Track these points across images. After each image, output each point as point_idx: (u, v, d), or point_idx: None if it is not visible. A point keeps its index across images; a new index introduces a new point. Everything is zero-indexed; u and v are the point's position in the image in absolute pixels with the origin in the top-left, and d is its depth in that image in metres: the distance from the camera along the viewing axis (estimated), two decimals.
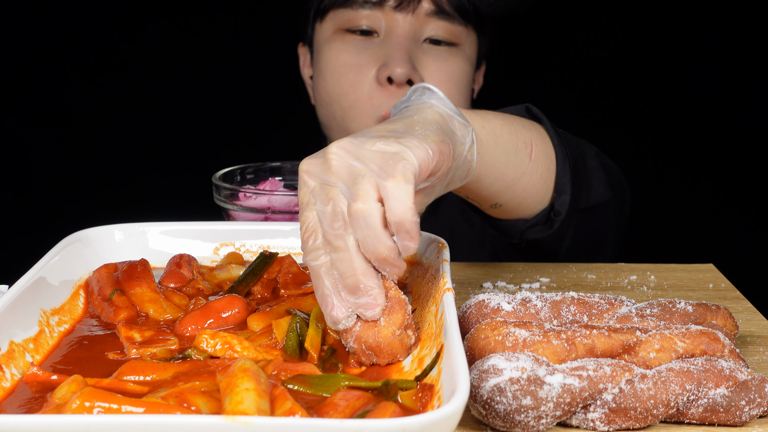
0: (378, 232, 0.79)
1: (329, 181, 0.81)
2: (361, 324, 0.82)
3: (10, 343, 0.83)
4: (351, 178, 0.80)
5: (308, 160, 0.84)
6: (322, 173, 0.82)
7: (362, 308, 0.81)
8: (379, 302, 0.81)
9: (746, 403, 0.82)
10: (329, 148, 0.82)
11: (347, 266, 0.80)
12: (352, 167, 0.81)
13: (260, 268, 1.00)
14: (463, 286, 1.18)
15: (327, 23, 1.58)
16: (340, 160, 0.81)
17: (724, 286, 1.20)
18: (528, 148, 1.19)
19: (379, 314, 0.82)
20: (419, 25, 1.53)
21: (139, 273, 0.99)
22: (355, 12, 1.54)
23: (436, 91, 0.96)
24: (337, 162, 0.81)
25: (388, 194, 0.79)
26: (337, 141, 0.83)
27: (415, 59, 1.52)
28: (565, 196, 1.24)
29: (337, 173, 0.81)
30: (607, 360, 0.84)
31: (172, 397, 0.71)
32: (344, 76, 1.55)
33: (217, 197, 1.21)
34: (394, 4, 1.52)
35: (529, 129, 1.21)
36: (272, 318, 0.90)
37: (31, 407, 0.76)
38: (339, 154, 0.82)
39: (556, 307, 0.95)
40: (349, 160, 0.81)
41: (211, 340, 0.84)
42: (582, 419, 0.82)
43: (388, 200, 0.79)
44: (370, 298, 0.81)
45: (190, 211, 1.44)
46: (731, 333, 0.94)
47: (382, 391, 0.76)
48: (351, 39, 1.55)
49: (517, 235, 1.28)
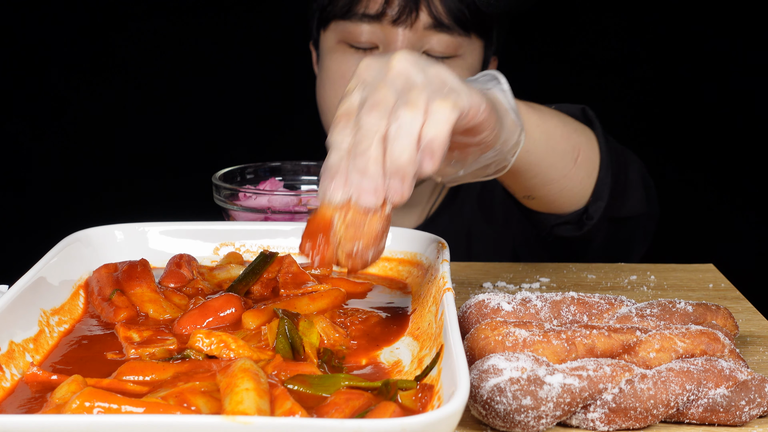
0: (410, 140, 0.80)
1: (385, 80, 0.83)
2: (352, 210, 0.82)
3: (10, 343, 0.83)
4: (407, 85, 0.83)
5: (370, 59, 0.87)
6: (380, 71, 0.85)
7: (363, 191, 0.81)
8: (378, 194, 0.81)
9: (746, 403, 0.82)
10: (396, 54, 0.85)
11: (365, 147, 0.81)
12: (411, 77, 0.83)
13: (260, 267, 1.00)
14: (463, 286, 1.18)
15: (329, 33, 1.60)
16: (403, 66, 0.84)
17: (724, 286, 1.20)
18: (575, 152, 1.21)
19: (373, 205, 0.81)
20: (418, 39, 1.54)
21: (139, 273, 0.99)
22: (354, 25, 1.55)
23: (502, 82, 1.00)
24: (400, 67, 0.84)
25: (432, 111, 0.81)
26: (405, 50, 0.86)
27: None
28: (601, 203, 1.27)
29: (395, 76, 0.83)
30: (607, 360, 0.84)
31: (172, 397, 0.71)
32: (341, 86, 1.57)
33: (217, 197, 1.21)
34: (392, 18, 1.52)
35: (580, 133, 1.24)
36: (267, 315, 0.90)
37: (31, 407, 0.76)
38: (403, 62, 0.84)
39: (556, 307, 0.95)
40: (412, 70, 0.84)
41: (206, 339, 0.83)
42: (582, 419, 0.82)
43: (430, 116, 0.81)
44: (372, 186, 0.81)
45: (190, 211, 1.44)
46: (731, 333, 0.94)
47: (382, 391, 0.76)
48: (352, 51, 1.57)
49: (547, 229, 1.30)
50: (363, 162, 0.81)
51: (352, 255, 0.84)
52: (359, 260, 0.84)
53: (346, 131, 0.83)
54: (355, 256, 0.84)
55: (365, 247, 0.84)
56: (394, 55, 0.86)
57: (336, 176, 0.82)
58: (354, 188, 0.82)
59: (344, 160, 0.82)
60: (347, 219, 0.83)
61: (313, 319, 0.89)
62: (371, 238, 0.84)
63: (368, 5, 1.53)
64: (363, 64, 0.87)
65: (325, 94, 1.61)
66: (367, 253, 0.84)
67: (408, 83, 0.83)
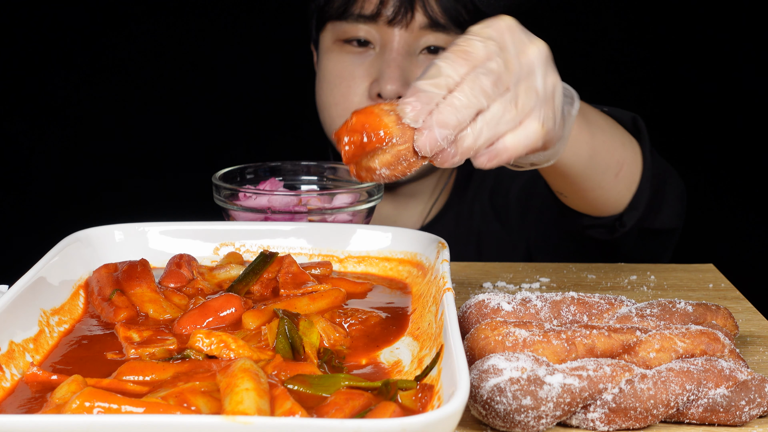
0: (490, 136, 0.87)
1: (517, 61, 0.90)
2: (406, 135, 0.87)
3: (10, 343, 0.83)
4: (527, 82, 0.90)
5: (518, 27, 0.92)
6: (518, 48, 0.91)
7: (430, 137, 0.85)
8: (433, 148, 0.85)
9: (746, 403, 0.82)
10: (537, 44, 0.92)
11: (462, 105, 0.86)
12: (535, 75, 0.91)
13: (260, 267, 1.00)
14: (463, 286, 1.18)
15: (327, 33, 1.61)
16: (535, 61, 0.92)
17: (724, 286, 1.20)
18: (618, 168, 1.23)
19: (426, 153, 0.86)
20: (414, 39, 1.54)
21: (139, 273, 0.99)
22: (350, 25, 1.56)
23: (575, 107, 1.04)
24: (533, 59, 0.91)
25: (526, 125, 0.90)
26: (543, 45, 0.92)
27: (408, 73, 1.54)
28: (636, 212, 1.29)
29: (525, 66, 0.91)
30: (607, 360, 0.84)
31: (172, 397, 0.71)
32: (337, 86, 1.58)
33: (217, 197, 1.21)
34: (388, 19, 1.53)
35: (626, 148, 1.25)
36: (267, 316, 0.90)
37: (31, 407, 0.76)
38: (538, 57, 0.92)
39: (556, 307, 0.95)
40: (540, 70, 0.92)
41: (206, 339, 0.83)
42: (582, 419, 0.82)
43: (521, 127, 0.90)
44: (438, 137, 0.85)
45: (190, 211, 1.44)
46: (731, 333, 0.94)
47: (382, 391, 0.76)
48: (349, 50, 1.57)
49: (578, 227, 1.31)
50: (449, 115, 0.85)
51: (372, 168, 0.88)
52: (374, 174, 0.88)
53: (459, 69, 0.86)
54: (373, 171, 0.88)
55: (391, 168, 0.87)
56: (535, 43, 0.91)
57: (421, 99, 0.85)
58: (425, 125, 0.85)
59: (439, 95, 0.85)
60: (395, 140, 0.86)
61: (314, 319, 0.89)
62: (401, 168, 0.88)
63: (363, 6, 1.54)
64: (511, 26, 0.91)
65: (323, 93, 1.62)
66: (385, 171, 0.88)
67: (529, 80, 0.90)
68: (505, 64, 0.89)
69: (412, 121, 0.86)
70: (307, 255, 1.09)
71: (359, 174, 0.89)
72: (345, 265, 1.09)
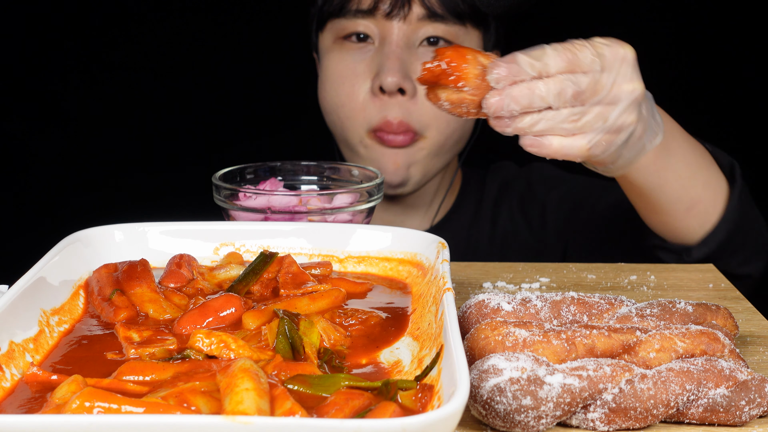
0: (564, 130, 1.00)
1: (616, 71, 1.02)
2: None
3: (10, 343, 0.83)
4: (615, 88, 1.02)
5: (615, 45, 1.04)
6: (616, 61, 1.03)
7: (513, 97, 0.97)
8: (511, 111, 0.98)
9: (746, 403, 0.82)
10: (629, 52, 1.04)
11: (554, 93, 0.98)
12: (628, 82, 1.04)
13: (260, 267, 1.00)
14: (463, 286, 1.18)
15: (326, 33, 1.61)
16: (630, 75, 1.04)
17: (724, 286, 1.20)
18: (691, 204, 1.25)
19: (498, 84, 0.97)
20: (412, 31, 1.54)
21: (139, 273, 0.99)
22: (349, 21, 1.56)
23: (656, 138, 1.14)
24: (626, 56, 1.04)
25: (587, 128, 1.02)
26: (633, 55, 1.04)
27: (409, 66, 1.54)
28: (706, 249, 1.29)
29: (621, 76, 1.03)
30: (607, 360, 0.84)
31: (172, 397, 0.71)
32: (341, 86, 1.58)
33: (217, 197, 1.21)
34: (385, 12, 1.53)
35: (708, 188, 1.27)
36: (267, 316, 0.90)
37: (31, 407, 0.76)
38: (631, 74, 1.04)
39: (556, 307, 0.95)
40: (631, 86, 1.04)
41: (206, 339, 0.83)
42: (582, 419, 0.82)
43: (583, 131, 1.02)
44: (522, 103, 0.97)
45: (190, 211, 1.44)
46: (731, 333, 0.94)
47: (382, 391, 0.76)
48: (348, 47, 1.57)
49: (648, 244, 1.34)
50: (525, 96, 0.97)
51: (438, 97, 1.00)
52: (438, 102, 1.00)
53: (558, 64, 0.98)
54: (438, 99, 1.00)
55: (452, 106, 1.00)
56: (634, 83, 1.03)
57: (512, 70, 0.97)
58: (502, 91, 0.97)
59: (529, 74, 0.97)
60: (467, 89, 0.98)
61: (314, 319, 0.89)
62: (460, 111, 1.00)
63: (361, 1, 1.54)
64: (626, 57, 1.03)
65: (327, 94, 1.62)
66: (446, 105, 1.00)
67: (606, 109, 1.02)
68: (595, 84, 1.00)
69: (493, 81, 0.97)
70: (307, 255, 1.09)
71: (428, 94, 1.01)
72: (345, 265, 1.09)
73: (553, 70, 0.99)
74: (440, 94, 1.00)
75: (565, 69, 0.99)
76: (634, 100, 1.04)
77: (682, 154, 1.23)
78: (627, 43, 1.05)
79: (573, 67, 0.99)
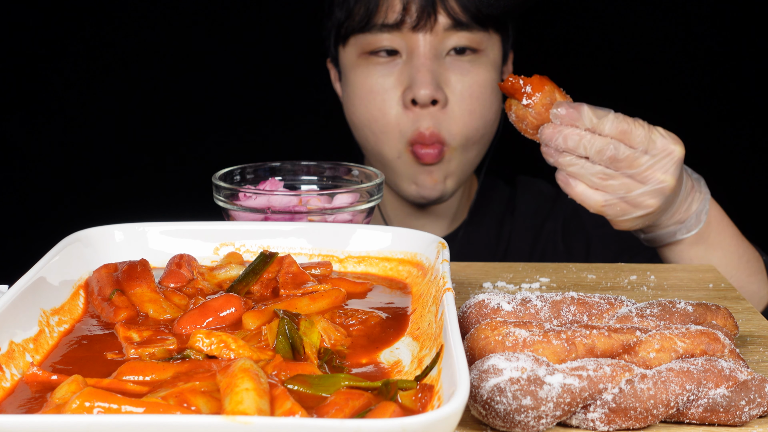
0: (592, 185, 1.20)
1: (656, 155, 1.19)
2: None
3: (10, 343, 0.83)
4: (647, 166, 1.19)
5: (649, 131, 1.19)
6: (661, 148, 1.19)
7: (568, 136, 1.17)
8: (559, 127, 1.17)
9: (746, 403, 0.82)
10: (674, 146, 1.19)
11: (596, 150, 1.17)
12: (664, 162, 1.19)
13: (260, 267, 1.00)
14: (463, 286, 1.18)
15: (350, 48, 1.60)
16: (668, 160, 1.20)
17: (724, 286, 1.20)
18: (740, 286, 1.36)
19: (555, 121, 1.18)
20: (439, 42, 1.55)
21: (139, 273, 0.99)
22: (374, 36, 1.56)
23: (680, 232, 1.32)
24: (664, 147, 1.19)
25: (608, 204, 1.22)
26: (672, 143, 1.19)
27: (438, 76, 1.55)
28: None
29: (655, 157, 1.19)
30: (607, 360, 0.84)
31: (172, 397, 0.71)
32: (372, 102, 1.58)
33: (217, 197, 1.21)
34: (412, 25, 1.53)
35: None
36: (267, 316, 0.90)
37: (31, 407, 0.76)
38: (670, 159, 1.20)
39: (556, 307, 0.95)
40: (670, 172, 1.20)
41: (206, 339, 0.83)
42: (582, 419, 0.82)
43: (607, 190, 1.21)
44: (571, 145, 1.17)
45: (190, 211, 1.44)
46: (731, 333, 0.94)
47: (382, 391, 0.76)
48: (376, 62, 1.58)
49: None
50: (572, 142, 1.16)
51: (509, 107, 1.21)
52: (508, 110, 1.21)
53: (611, 130, 1.16)
54: (510, 108, 1.21)
55: (516, 119, 1.21)
56: (662, 178, 1.18)
57: (572, 116, 1.16)
58: (557, 128, 1.17)
59: (584, 125, 1.16)
60: (531, 112, 1.19)
61: (314, 319, 0.89)
62: (520, 126, 1.22)
63: (387, 15, 1.54)
64: (673, 154, 1.19)
65: (356, 110, 1.62)
66: (512, 116, 1.22)
67: (629, 182, 1.19)
68: (633, 160, 1.17)
69: (552, 116, 1.17)
70: (307, 255, 1.09)
71: (506, 102, 1.22)
72: (345, 265, 1.09)
73: (606, 131, 1.16)
74: (512, 105, 1.20)
75: (615, 135, 1.16)
76: (661, 189, 1.19)
77: (722, 252, 1.36)
78: (681, 141, 1.20)
79: (623, 137, 1.16)
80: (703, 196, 1.31)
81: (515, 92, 1.19)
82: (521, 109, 1.19)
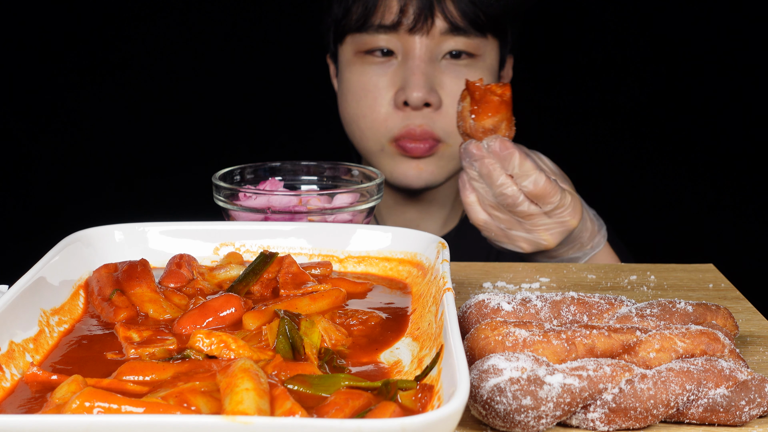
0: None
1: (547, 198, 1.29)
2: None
3: (10, 343, 0.83)
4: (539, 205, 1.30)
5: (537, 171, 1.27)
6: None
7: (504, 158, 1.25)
8: (478, 145, 1.26)
9: (746, 403, 0.82)
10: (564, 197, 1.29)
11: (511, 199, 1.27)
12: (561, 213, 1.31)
13: (260, 267, 1.00)
14: (463, 286, 1.18)
15: (346, 46, 1.61)
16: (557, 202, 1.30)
17: (724, 286, 1.20)
18: None
19: (480, 142, 1.26)
20: (435, 45, 1.55)
21: (139, 273, 0.99)
22: (371, 36, 1.56)
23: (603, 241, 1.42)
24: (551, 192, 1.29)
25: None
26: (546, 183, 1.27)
27: (433, 79, 1.55)
28: None
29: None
30: (607, 360, 0.84)
31: (172, 397, 0.71)
32: (363, 98, 1.59)
33: (217, 197, 1.21)
34: (409, 27, 1.53)
35: None
36: (267, 316, 0.90)
37: (31, 407, 0.76)
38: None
39: (556, 307, 0.95)
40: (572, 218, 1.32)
41: (206, 339, 0.83)
42: (582, 419, 0.82)
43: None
44: (490, 151, 1.25)
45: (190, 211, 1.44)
46: (731, 333, 0.94)
47: (382, 391, 0.76)
48: (371, 61, 1.58)
49: None
50: (485, 168, 1.25)
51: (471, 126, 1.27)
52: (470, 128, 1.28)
53: (531, 184, 1.25)
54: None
55: (459, 120, 1.29)
56: (570, 221, 1.30)
57: (497, 147, 1.23)
58: (475, 145, 1.25)
59: (502, 159, 1.24)
60: (460, 123, 1.29)
61: (315, 319, 0.89)
62: (462, 127, 1.28)
63: (384, 16, 1.54)
64: (563, 215, 1.30)
65: (348, 106, 1.62)
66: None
67: (529, 224, 1.31)
68: (527, 215, 1.28)
69: (483, 142, 1.24)
70: (307, 255, 1.10)
71: (463, 92, 1.28)
72: (345, 265, 1.09)
73: (521, 186, 1.25)
74: (465, 99, 1.27)
75: (529, 192, 1.25)
76: (538, 244, 1.32)
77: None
78: (580, 212, 1.31)
79: (535, 197, 1.25)
80: (598, 240, 1.40)
81: (472, 96, 1.25)
82: (467, 110, 1.26)
